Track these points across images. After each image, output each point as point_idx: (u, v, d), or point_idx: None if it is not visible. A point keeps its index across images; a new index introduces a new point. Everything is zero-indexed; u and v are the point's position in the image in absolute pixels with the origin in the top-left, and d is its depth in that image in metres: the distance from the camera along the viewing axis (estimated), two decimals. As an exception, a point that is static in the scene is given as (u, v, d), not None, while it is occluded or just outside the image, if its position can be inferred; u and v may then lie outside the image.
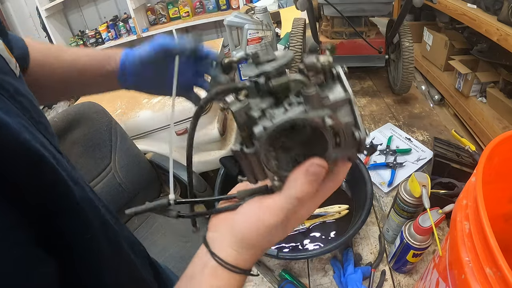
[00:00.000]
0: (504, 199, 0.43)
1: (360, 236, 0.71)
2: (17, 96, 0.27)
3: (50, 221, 0.25)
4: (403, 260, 0.58)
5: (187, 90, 0.50)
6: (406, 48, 0.98)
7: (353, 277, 0.60)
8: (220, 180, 0.73)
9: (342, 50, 1.08)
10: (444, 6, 1.60)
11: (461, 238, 0.32)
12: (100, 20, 3.12)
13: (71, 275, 0.27)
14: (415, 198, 0.57)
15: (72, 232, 0.27)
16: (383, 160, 0.88)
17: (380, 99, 1.16)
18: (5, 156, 0.21)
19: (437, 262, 0.41)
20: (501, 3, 1.24)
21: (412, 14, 2.25)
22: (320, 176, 0.26)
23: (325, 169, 0.26)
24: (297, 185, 0.26)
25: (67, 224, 0.27)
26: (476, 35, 1.57)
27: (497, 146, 0.36)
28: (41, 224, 0.25)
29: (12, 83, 0.28)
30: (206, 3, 2.96)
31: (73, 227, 0.28)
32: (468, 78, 1.58)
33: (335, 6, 0.94)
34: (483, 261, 0.28)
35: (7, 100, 0.26)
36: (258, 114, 0.26)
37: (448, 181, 0.73)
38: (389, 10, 0.97)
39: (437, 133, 0.96)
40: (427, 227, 0.51)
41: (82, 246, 0.29)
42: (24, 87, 0.30)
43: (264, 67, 0.26)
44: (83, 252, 0.29)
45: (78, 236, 0.28)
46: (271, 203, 0.27)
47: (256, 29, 1.21)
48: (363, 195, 0.69)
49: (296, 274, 0.65)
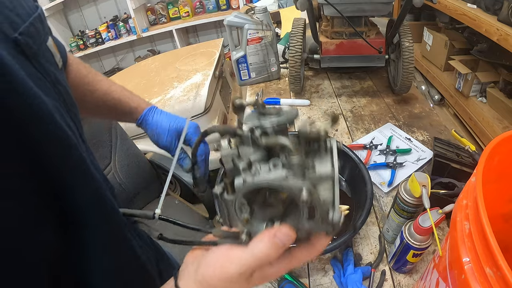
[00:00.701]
0: (504, 199, 0.43)
1: (360, 236, 0.71)
2: (57, 84, 0.31)
3: (65, 199, 0.28)
4: (403, 260, 0.58)
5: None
6: (406, 48, 0.98)
7: (353, 277, 0.60)
8: (220, 180, 0.73)
9: (342, 50, 1.08)
10: (444, 6, 1.60)
11: (461, 238, 0.32)
12: (100, 20, 3.12)
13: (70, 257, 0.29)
14: (415, 198, 0.57)
15: (84, 213, 0.29)
16: (383, 160, 0.88)
17: (380, 99, 1.16)
18: (39, 129, 0.25)
19: (437, 262, 0.41)
20: (501, 3, 1.24)
21: (412, 14, 2.25)
22: (286, 244, 0.27)
23: (291, 238, 0.28)
24: (261, 246, 0.27)
25: (82, 205, 0.29)
26: (476, 35, 1.58)
27: (497, 146, 0.36)
28: (54, 200, 0.27)
29: (54, 73, 0.31)
30: (206, 3, 2.96)
31: (86, 210, 0.30)
32: (468, 78, 1.59)
33: (335, 6, 0.94)
34: (483, 261, 0.28)
35: (49, 84, 0.29)
36: (243, 166, 0.26)
37: (448, 181, 0.73)
38: (389, 10, 0.97)
39: (437, 133, 0.96)
40: (427, 227, 0.51)
41: (90, 228, 0.30)
42: (63, 78, 0.34)
43: (264, 121, 0.27)
44: (89, 234, 0.30)
45: (88, 218, 0.30)
46: (236, 255, 0.28)
47: (256, 29, 1.21)
48: (363, 195, 0.69)
49: (296, 274, 0.65)
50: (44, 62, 0.30)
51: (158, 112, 0.59)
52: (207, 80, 1.44)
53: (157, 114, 0.59)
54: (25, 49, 0.27)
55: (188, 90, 1.41)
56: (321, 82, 1.30)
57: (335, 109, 1.12)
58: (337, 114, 0.29)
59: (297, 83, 1.14)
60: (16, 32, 0.27)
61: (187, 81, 1.48)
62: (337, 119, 0.28)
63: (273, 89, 1.29)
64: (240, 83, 1.35)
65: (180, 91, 1.41)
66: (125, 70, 2.01)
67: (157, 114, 0.59)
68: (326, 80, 1.31)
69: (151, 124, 0.58)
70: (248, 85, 1.35)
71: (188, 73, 1.55)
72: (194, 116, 1.35)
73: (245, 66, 1.29)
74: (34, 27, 0.30)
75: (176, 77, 1.55)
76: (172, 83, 1.50)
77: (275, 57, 1.30)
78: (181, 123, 0.57)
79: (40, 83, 0.28)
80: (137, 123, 0.59)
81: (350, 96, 1.19)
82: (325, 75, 1.34)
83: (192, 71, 1.56)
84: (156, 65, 1.78)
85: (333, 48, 1.08)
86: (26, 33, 0.28)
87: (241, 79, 1.33)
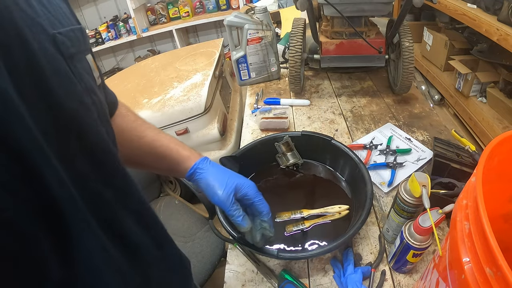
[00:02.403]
0: (504, 199, 0.43)
1: (360, 236, 0.71)
2: (92, 94, 0.33)
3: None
4: (403, 260, 0.58)
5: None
6: (406, 48, 0.98)
7: (353, 277, 0.60)
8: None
9: (342, 50, 1.08)
10: (444, 6, 1.60)
11: (461, 238, 0.32)
12: (100, 20, 3.12)
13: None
14: (415, 198, 0.57)
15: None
16: (383, 160, 0.88)
17: (380, 99, 1.16)
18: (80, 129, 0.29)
19: (437, 262, 0.41)
20: (501, 3, 1.24)
21: (412, 14, 2.26)
22: None
23: None
24: None
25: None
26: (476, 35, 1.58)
27: (497, 146, 0.36)
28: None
29: (90, 82, 0.34)
30: (206, 3, 2.96)
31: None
32: (468, 78, 1.59)
33: (335, 6, 0.94)
34: (483, 261, 0.28)
35: (81, 88, 0.31)
36: None
37: (448, 181, 0.73)
38: (389, 10, 0.97)
39: (437, 133, 0.96)
40: (427, 227, 0.51)
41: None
42: (101, 94, 0.36)
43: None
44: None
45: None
46: None
47: (256, 29, 1.21)
48: (363, 195, 0.69)
49: (296, 274, 0.65)
50: (80, 68, 0.32)
51: (213, 164, 0.55)
52: (207, 80, 1.44)
53: (212, 166, 0.54)
54: (62, 48, 0.29)
55: (188, 90, 1.41)
56: (321, 82, 1.30)
57: (335, 109, 1.12)
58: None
59: (297, 83, 1.14)
60: (56, 30, 0.29)
61: (187, 81, 1.48)
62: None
63: (273, 89, 1.29)
64: (240, 83, 1.35)
65: (180, 91, 1.41)
66: (125, 70, 2.01)
67: (212, 166, 0.54)
68: (326, 80, 1.31)
69: (205, 175, 0.53)
70: (248, 85, 1.35)
71: (188, 73, 1.55)
72: (194, 116, 1.35)
73: (245, 66, 1.29)
74: (74, 33, 0.32)
75: (176, 77, 1.55)
76: (172, 83, 1.50)
77: (275, 57, 1.30)
78: (238, 179, 0.53)
79: (68, 83, 0.30)
80: (187, 174, 0.54)
81: (350, 96, 1.19)
82: (325, 75, 1.34)
83: (192, 71, 1.56)
84: (156, 65, 1.78)
85: (333, 48, 1.08)
86: (64, 34, 0.30)
87: (241, 79, 1.33)
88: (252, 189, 0.53)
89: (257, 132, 1.06)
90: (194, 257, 1.00)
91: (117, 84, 1.67)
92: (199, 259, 0.99)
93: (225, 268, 0.68)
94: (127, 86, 1.60)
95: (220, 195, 0.50)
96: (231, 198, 0.50)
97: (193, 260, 0.98)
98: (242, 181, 0.53)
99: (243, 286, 0.65)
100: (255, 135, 1.05)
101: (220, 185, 0.51)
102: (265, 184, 0.84)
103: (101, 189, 0.32)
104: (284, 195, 0.82)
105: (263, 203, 0.53)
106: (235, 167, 0.76)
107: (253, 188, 0.53)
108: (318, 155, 0.87)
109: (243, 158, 0.80)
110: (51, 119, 0.27)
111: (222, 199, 0.50)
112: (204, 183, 0.52)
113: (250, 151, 0.83)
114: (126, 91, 1.53)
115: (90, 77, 0.34)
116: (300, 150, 0.86)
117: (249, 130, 1.08)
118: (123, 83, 1.67)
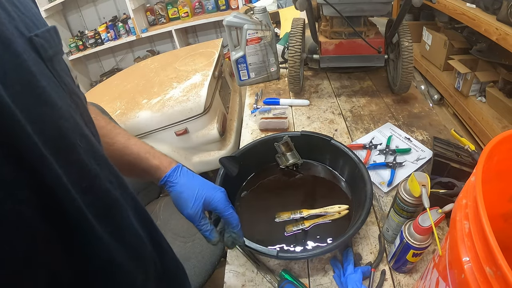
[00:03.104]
0: (503, 198, 0.43)
1: (360, 236, 0.70)
2: (73, 95, 0.33)
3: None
4: (403, 259, 0.58)
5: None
6: (406, 48, 0.98)
7: (353, 277, 0.60)
8: (219, 180, 0.73)
9: (341, 50, 1.08)
10: (443, 6, 1.60)
11: (461, 237, 0.32)
12: (99, 20, 3.12)
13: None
14: (415, 197, 0.57)
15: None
16: (382, 160, 0.88)
17: (379, 99, 1.16)
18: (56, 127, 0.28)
19: (437, 262, 0.41)
20: (500, 3, 1.25)
21: (412, 14, 2.26)
22: None
23: None
24: None
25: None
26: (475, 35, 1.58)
27: (497, 146, 0.36)
28: None
29: (71, 84, 0.33)
30: (205, 4, 2.96)
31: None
32: (467, 78, 1.59)
33: (334, 6, 0.94)
34: (483, 260, 0.28)
35: (63, 92, 0.31)
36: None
37: (447, 180, 0.73)
38: (388, 10, 0.97)
39: (436, 133, 0.96)
40: (427, 227, 0.51)
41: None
42: (81, 94, 0.36)
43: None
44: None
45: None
46: None
47: (255, 29, 1.21)
48: (363, 195, 0.69)
49: (296, 274, 0.65)
50: (59, 70, 0.31)
51: (184, 174, 0.54)
52: (207, 81, 1.44)
53: (183, 177, 0.54)
54: (41, 51, 0.28)
55: (187, 91, 1.41)
56: (321, 82, 1.30)
57: (334, 109, 1.12)
58: None
59: (297, 83, 1.14)
60: (32, 33, 0.28)
61: (187, 81, 1.48)
62: None
63: (272, 89, 1.29)
64: (240, 83, 1.35)
65: (179, 92, 1.41)
66: (125, 70, 2.01)
67: (182, 177, 0.54)
68: (326, 80, 1.31)
69: (175, 189, 0.53)
70: (247, 85, 1.35)
71: (187, 74, 1.55)
72: (194, 116, 1.35)
73: (245, 66, 1.29)
74: (50, 34, 0.31)
75: (175, 77, 1.55)
76: (171, 83, 1.50)
77: (275, 57, 1.30)
78: (208, 191, 0.53)
79: (54, 86, 0.29)
80: (159, 184, 0.54)
81: (349, 96, 1.19)
82: (324, 75, 1.34)
83: (191, 71, 1.56)
84: (156, 65, 1.78)
85: (332, 48, 1.08)
86: (41, 36, 0.29)
87: (241, 79, 1.33)
88: (221, 203, 0.53)
89: (256, 132, 1.06)
90: (194, 257, 0.99)
91: (117, 85, 1.67)
92: (199, 259, 0.99)
93: (225, 268, 0.68)
94: (127, 86, 1.60)
95: (189, 211, 0.52)
96: (199, 214, 0.52)
97: (193, 260, 0.98)
98: (212, 194, 0.53)
99: (243, 286, 0.65)
100: (254, 135, 1.05)
101: (189, 200, 0.52)
102: (265, 184, 0.84)
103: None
104: (283, 195, 0.82)
105: (232, 216, 0.54)
106: (234, 167, 0.77)
107: (222, 202, 0.54)
108: (317, 155, 0.87)
109: (243, 158, 0.80)
110: (49, 126, 0.27)
111: (191, 215, 0.52)
112: (174, 196, 0.53)
113: (250, 151, 0.83)
114: (126, 92, 1.53)
115: (69, 79, 0.33)
116: (300, 150, 0.86)
117: (248, 130, 1.08)
118: (123, 83, 1.66)
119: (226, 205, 0.54)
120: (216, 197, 0.53)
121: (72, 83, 0.34)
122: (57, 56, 0.32)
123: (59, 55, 0.33)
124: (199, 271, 0.97)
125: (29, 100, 0.26)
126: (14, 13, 0.27)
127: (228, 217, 0.54)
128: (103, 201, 0.33)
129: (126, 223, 0.37)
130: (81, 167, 0.31)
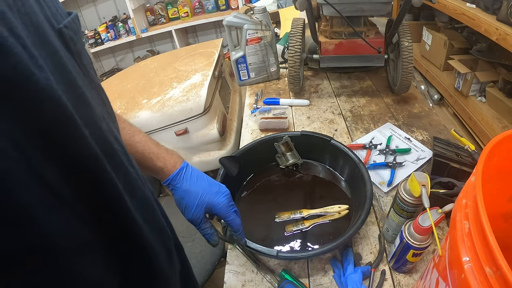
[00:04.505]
0: (503, 198, 0.43)
1: (360, 236, 0.70)
2: (100, 91, 0.32)
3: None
4: (403, 259, 0.58)
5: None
6: (405, 48, 0.98)
7: (353, 277, 0.60)
8: (219, 181, 0.73)
9: (341, 50, 1.08)
10: (443, 6, 1.60)
11: (461, 237, 0.32)
12: (99, 20, 3.12)
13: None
14: (415, 197, 0.57)
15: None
16: (382, 160, 0.88)
17: (379, 99, 1.16)
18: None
19: (437, 262, 0.41)
20: (500, 3, 1.25)
21: (411, 13, 2.26)
22: None
23: None
24: None
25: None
26: (475, 35, 1.58)
27: (497, 145, 0.36)
28: None
29: (97, 79, 0.33)
30: (205, 3, 2.96)
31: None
32: (467, 78, 1.59)
33: (334, 6, 0.94)
34: (483, 260, 0.27)
35: (93, 90, 0.30)
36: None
37: (447, 180, 0.73)
38: (388, 10, 0.97)
39: (436, 133, 0.96)
40: (426, 227, 0.51)
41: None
42: (102, 88, 0.35)
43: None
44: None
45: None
46: None
47: (255, 29, 1.21)
48: (363, 195, 0.69)
49: (296, 274, 0.65)
50: (86, 65, 0.30)
51: (187, 178, 0.53)
52: (207, 81, 1.44)
53: (185, 181, 0.53)
54: (70, 44, 0.26)
55: (187, 91, 1.41)
56: (321, 82, 1.30)
57: (334, 109, 1.12)
58: None
59: (297, 83, 1.14)
60: (60, 24, 0.26)
61: (187, 81, 1.48)
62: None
63: (272, 89, 1.29)
64: (240, 83, 1.35)
65: (179, 92, 1.41)
66: (125, 70, 2.01)
67: (185, 182, 0.53)
68: (326, 80, 1.31)
69: (177, 193, 0.53)
70: (247, 85, 1.35)
71: (187, 74, 1.55)
72: (194, 116, 1.35)
73: (245, 66, 1.29)
74: (75, 24, 0.29)
75: (175, 77, 1.55)
76: (171, 83, 1.50)
77: (274, 57, 1.30)
78: (211, 197, 0.53)
79: (86, 85, 0.28)
80: (163, 184, 0.54)
81: (349, 96, 1.19)
82: (324, 75, 1.34)
83: (191, 71, 1.56)
84: (156, 65, 1.78)
85: (332, 48, 1.08)
86: (69, 27, 0.27)
87: (241, 79, 1.33)
88: (223, 209, 0.54)
89: (256, 132, 1.06)
90: (194, 257, 0.99)
91: (117, 85, 1.67)
92: (199, 259, 0.99)
93: (225, 268, 0.68)
94: (127, 86, 1.60)
95: (190, 216, 0.53)
96: (201, 218, 0.53)
97: (193, 260, 0.98)
98: (214, 200, 0.54)
99: (243, 286, 0.65)
100: (254, 135, 1.05)
101: (190, 207, 0.53)
102: (265, 184, 0.84)
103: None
104: (283, 195, 0.82)
105: (233, 221, 0.55)
106: (234, 167, 0.77)
107: (223, 209, 0.54)
108: (317, 155, 0.87)
109: (243, 158, 0.80)
110: (94, 130, 0.26)
111: (192, 219, 0.53)
112: (176, 200, 0.54)
113: (250, 151, 0.83)
114: (126, 92, 1.53)
115: (93, 71, 0.32)
116: (300, 150, 0.86)
117: (248, 130, 1.08)
118: (123, 83, 1.66)
119: (228, 211, 0.54)
120: (218, 204, 0.54)
121: (95, 77, 0.32)
122: (83, 49, 0.30)
123: (84, 47, 0.31)
124: (199, 271, 0.97)
125: (77, 102, 0.24)
126: (43, 2, 0.25)
127: (229, 222, 0.55)
128: (144, 202, 0.33)
129: (161, 224, 0.37)
130: (125, 172, 0.30)
